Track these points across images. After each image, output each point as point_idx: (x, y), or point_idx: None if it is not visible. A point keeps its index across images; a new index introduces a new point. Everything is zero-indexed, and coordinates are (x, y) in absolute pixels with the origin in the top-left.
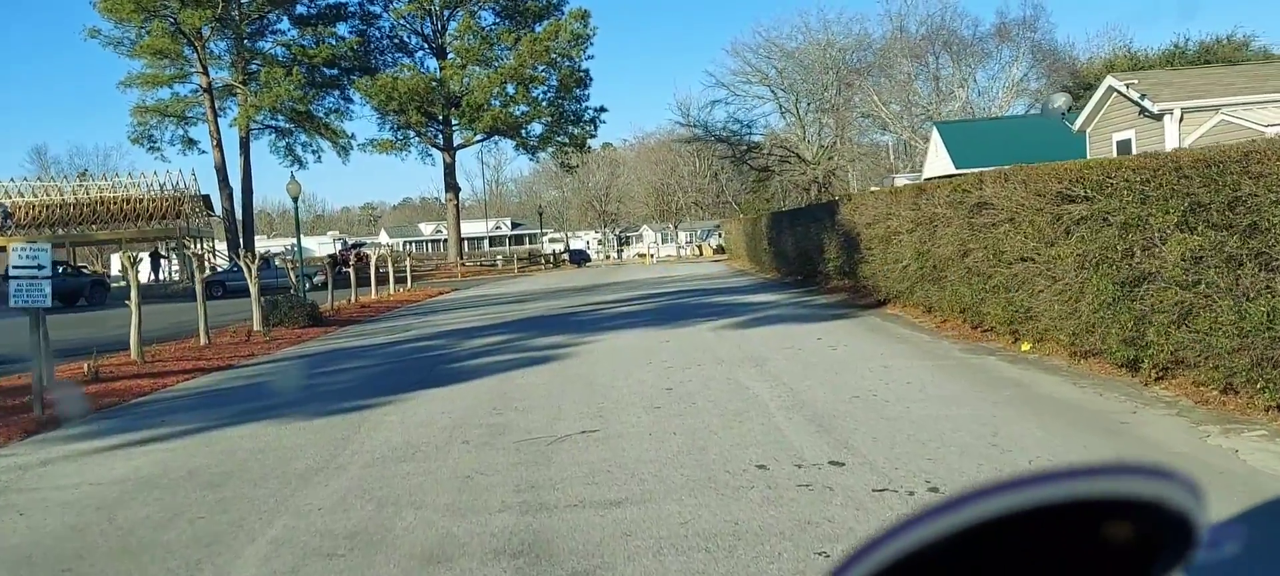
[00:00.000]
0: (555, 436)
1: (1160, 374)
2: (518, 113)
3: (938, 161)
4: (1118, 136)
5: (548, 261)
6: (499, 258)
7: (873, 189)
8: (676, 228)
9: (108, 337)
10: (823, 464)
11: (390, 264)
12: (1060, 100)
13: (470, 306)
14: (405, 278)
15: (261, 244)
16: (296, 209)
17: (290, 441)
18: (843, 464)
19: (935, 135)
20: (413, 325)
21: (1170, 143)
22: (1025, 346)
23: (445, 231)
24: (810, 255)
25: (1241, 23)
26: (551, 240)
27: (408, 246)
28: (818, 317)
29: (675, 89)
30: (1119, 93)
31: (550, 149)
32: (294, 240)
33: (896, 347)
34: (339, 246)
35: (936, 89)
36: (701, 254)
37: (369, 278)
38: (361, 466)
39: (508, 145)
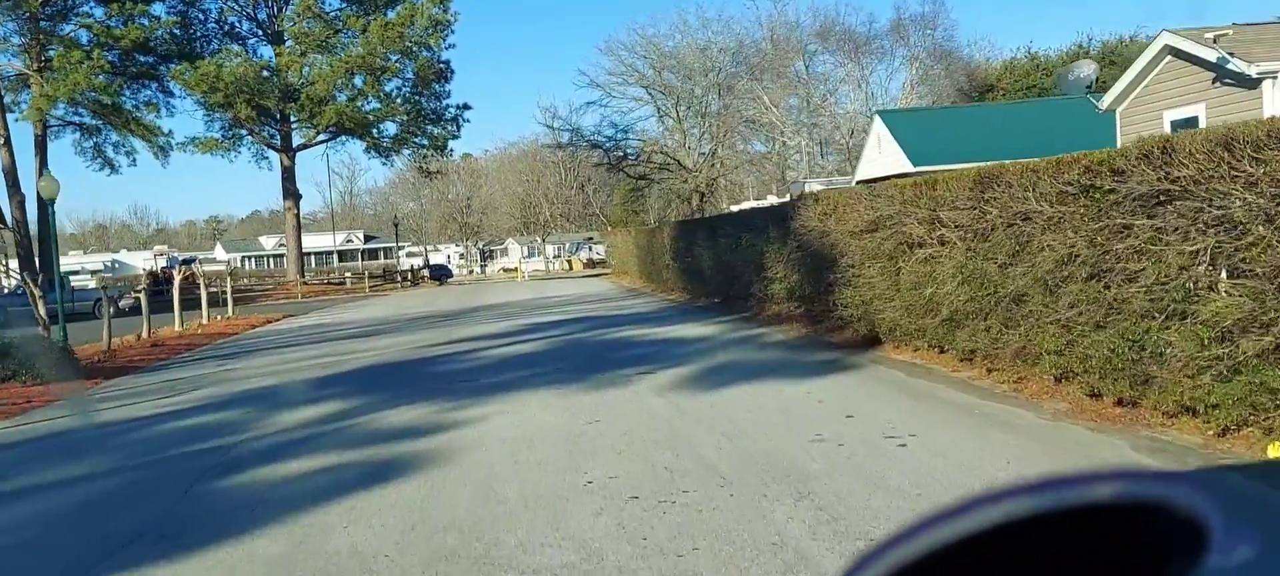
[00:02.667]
0: None
1: None
2: (367, 109)
3: (883, 159)
4: (1173, 115)
5: (405, 279)
6: (348, 275)
7: (777, 194)
8: (544, 241)
9: None
10: None
11: (201, 285)
12: (1087, 69)
13: (301, 343)
14: (225, 301)
15: (75, 260)
16: (52, 217)
17: None
18: None
19: (878, 127)
20: (207, 378)
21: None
22: (1274, 451)
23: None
24: (740, 273)
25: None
26: (409, 254)
27: (247, 262)
28: (798, 367)
29: (540, 96)
30: (1180, 54)
31: (407, 151)
32: (117, 255)
33: (1014, 444)
34: (164, 262)
35: (807, 94)
36: (572, 268)
37: (172, 303)
38: None
39: (360, 151)
